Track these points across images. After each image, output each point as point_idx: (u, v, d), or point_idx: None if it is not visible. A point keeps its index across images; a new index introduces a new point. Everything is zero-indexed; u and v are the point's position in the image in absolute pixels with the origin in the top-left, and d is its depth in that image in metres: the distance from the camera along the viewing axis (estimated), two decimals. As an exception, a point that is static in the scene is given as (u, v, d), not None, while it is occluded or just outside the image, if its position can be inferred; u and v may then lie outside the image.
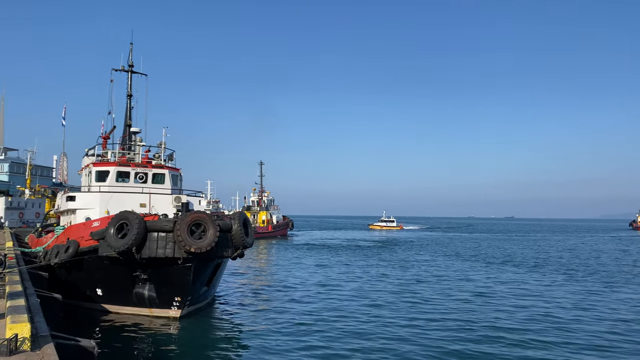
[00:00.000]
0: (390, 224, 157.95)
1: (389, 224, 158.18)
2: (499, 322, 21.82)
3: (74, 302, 22.72)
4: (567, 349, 17.71)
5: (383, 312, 23.81)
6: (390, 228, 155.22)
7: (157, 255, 19.76)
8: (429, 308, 25.05)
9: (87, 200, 25.56)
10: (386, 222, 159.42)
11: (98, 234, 20.48)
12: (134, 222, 19.44)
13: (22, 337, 8.00)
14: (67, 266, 21.94)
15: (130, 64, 32.06)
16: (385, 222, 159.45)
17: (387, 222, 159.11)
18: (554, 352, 17.38)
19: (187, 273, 20.63)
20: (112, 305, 22.72)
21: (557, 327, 21.18)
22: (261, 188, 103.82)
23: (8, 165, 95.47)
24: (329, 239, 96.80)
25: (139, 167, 26.97)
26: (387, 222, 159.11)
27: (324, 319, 22.28)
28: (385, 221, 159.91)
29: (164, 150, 28.91)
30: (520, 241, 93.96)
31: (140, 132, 30.39)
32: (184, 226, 19.39)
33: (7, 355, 7.56)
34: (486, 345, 18.12)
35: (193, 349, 17.65)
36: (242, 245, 22.14)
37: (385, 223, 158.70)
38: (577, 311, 24.72)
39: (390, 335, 19.32)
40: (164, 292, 21.42)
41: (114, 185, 26.08)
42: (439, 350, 17.42)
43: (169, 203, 26.03)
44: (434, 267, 45.11)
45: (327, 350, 17.40)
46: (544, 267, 45.99)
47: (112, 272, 21.32)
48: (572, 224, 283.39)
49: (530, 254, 61.81)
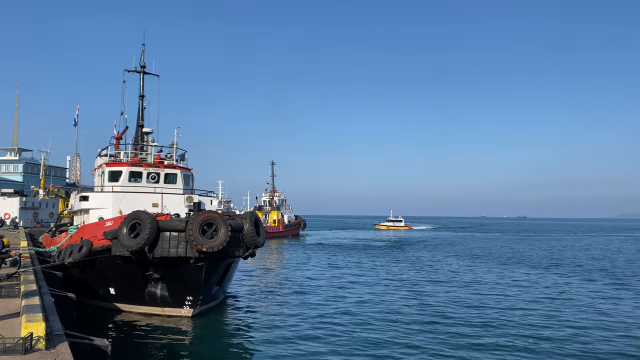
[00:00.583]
0: (397, 223, 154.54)
1: (396, 223, 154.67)
2: (522, 329, 20.96)
3: (87, 301, 22.90)
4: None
5: (396, 315, 23.47)
6: (398, 228, 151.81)
7: (169, 254, 19.87)
8: (445, 312, 24.68)
9: (100, 200, 25.78)
10: (393, 221, 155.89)
11: (111, 234, 20.64)
12: (147, 222, 19.55)
13: (37, 336, 8.07)
14: (81, 265, 22.13)
15: (142, 65, 32.27)
16: (393, 221, 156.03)
17: (394, 222, 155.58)
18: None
19: (199, 272, 20.70)
20: (125, 304, 22.87)
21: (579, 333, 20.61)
22: (273, 188, 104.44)
23: (22, 165, 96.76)
24: (338, 238, 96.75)
25: (151, 167, 27.12)
26: (394, 222, 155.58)
27: (335, 320, 22.20)
28: (392, 221, 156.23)
29: (176, 150, 29.05)
30: (537, 241, 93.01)
31: (152, 132, 30.60)
32: (196, 226, 19.45)
33: (22, 354, 7.62)
34: (507, 353, 17.51)
35: (205, 348, 17.69)
36: (253, 244, 22.16)
37: (393, 223, 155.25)
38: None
39: (404, 340, 18.90)
40: (176, 291, 21.51)
41: (127, 185, 26.26)
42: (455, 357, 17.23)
43: (181, 203, 26.14)
44: (449, 269, 44.72)
45: (338, 351, 17.33)
46: (572, 269, 45.41)
47: (125, 272, 21.46)
48: (587, 224, 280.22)
49: (553, 255, 61.10)
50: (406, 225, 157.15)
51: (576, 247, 77.01)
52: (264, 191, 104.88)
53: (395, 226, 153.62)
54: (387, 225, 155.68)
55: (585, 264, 48.76)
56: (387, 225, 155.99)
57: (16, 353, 7.62)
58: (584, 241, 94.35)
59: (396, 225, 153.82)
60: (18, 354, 7.61)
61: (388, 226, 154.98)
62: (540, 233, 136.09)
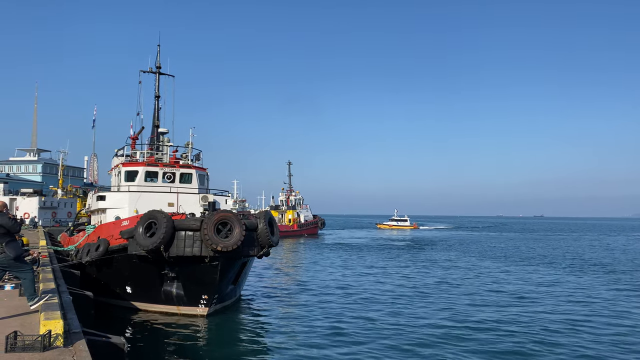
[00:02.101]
0: (402, 223, 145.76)
1: (400, 223, 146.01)
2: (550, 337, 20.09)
3: (104, 299, 23.17)
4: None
5: (416, 320, 22.55)
6: (402, 227, 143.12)
7: (184, 253, 20.00)
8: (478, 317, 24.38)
9: (116, 199, 26.06)
10: (397, 221, 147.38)
11: (127, 233, 20.84)
12: (162, 221, 19.71)
13: (56, 334, 8.16)
14: (98, 264, 22.41)
15: (158, 66, 32.57)
16: (397, 221, 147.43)
17: (398, 221, 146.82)
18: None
19: (214, 271, 20.81)
20: (141, 302, 23.09)
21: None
22: (290, 187, 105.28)
23: (41, 166, 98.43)
24: (354, 237, 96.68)
25: (166, 167, 27.34)
26: (398, 221, 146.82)
27: (350, 320, 22.08)
28: (396, 220, 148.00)
29: (191, 150, 29.25)
30: (566, 241, 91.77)
31: (167, 132, 30.85)
32: (211, 225, 19.55)
33: (41, 351, 7.71)
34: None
35: (220, 347, 17.79)
36: (267, 243, 22.19)
37: (396, 222, 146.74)
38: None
39: (425, 346, 18.29)
40: (191, 290, 21.67)
41: (143, 185, 26.50)
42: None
43: (196, 202, 26.30)
44: (480, 271, 44.26)
45: (353, 352, 17.26)
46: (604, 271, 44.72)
47: (141, 270, 21.67)
48: (606, 223, 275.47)
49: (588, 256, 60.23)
50: (412, 225, 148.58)
51: (616, 248, 75.71)
52: (281, 191, 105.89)
53: (399, 225, 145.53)
54: (390, 224, 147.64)
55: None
56: (389, 224, 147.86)
57: (35, 350, 7.72)
58: (619, 241, 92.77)
59: (400, 225, 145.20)
60: (37, 351, 7.70)
61: (391, 225, 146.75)
62: (564, 232, 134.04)
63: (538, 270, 41.71)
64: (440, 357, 16.52)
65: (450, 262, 48.38)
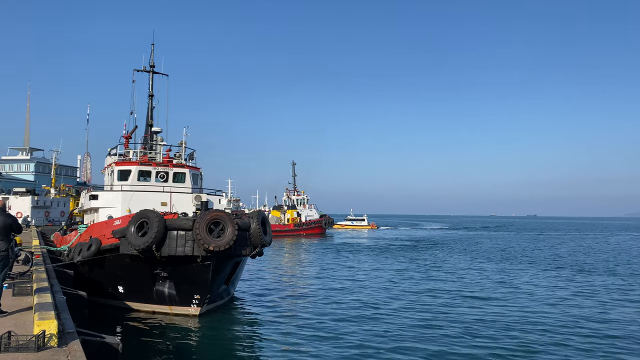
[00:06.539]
0: (358, 222, 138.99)
1: (355, 222, 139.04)
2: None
3: (97, 299, 23.20)
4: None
5: (414, 322, 21.89)
6: (356, 227, 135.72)
7: (176, 253, 20.05)
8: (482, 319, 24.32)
9: (109, 198, 26.06)
10: (352, 220, 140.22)
11: (119, 232, 20.86)
12: (154, 221, 19.76)
13: (50, 334, 8.22)
14: (90, 264, 22.43)
15: (152, 65, 32.52)
16: (352, 220, 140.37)
17: (353, 221, 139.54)
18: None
19: (206, 271, 20.89)
20: (133, 302, 23.13)
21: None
22: (294, 187, 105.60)
23: (34, 165, 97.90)
24: (354, 238, 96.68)
25: (160, 166, 27.35)
26: (353, 221, 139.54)
27: (344, 319, 22.26)
28: (352, 219, 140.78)
29: (185, 149, 29.27)
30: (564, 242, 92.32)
31: (161, 131, 30.86)
32: (203, 224, 19.63)
33: (35, 351, 7.78)
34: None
35: (212, 346, 17.91)
36: (260, 243, 22.31)
37: (351, 222, 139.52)
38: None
39: (423, 347, 18.03)
40: (183, 290, 21.74)
41: (136, 184, 26.51)
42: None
43: (189, 202, 26.34)
44: (475, 272, 44.53)
45: (345, 351, 17.44)
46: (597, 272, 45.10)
47: (133, 270, 21.70)
48: (599, 223, 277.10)
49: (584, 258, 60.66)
50: (369, 225, 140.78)
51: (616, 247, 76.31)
52: (285, 191, 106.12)
53: (354, 225, 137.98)
54: (343, 224, 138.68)
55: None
56: (342, 224, 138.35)
57: (29, 350, 7.78)
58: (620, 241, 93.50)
59: (355, 224, 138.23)
60: (31, 351, 7.77)
61: (343, 225, 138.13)
62: (557, 231, 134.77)
63: (526, 270, 42.08)
64: (430, 355, 16.74)
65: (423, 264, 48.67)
